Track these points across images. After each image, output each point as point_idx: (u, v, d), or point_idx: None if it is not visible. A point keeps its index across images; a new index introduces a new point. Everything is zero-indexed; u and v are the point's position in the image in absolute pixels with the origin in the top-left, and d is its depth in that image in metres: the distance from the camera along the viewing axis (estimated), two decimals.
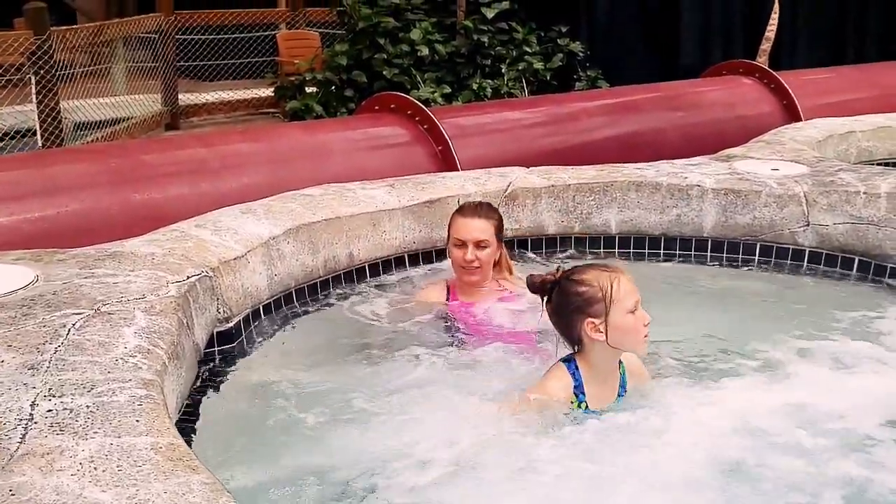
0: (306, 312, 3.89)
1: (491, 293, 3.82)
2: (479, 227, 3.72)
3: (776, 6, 8.56)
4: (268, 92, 10.91)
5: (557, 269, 2.97)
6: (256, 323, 3.65)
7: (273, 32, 12.62)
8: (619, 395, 2.99)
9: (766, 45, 8.46)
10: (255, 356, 3.47)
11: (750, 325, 3.92)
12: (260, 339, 3.59)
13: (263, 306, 3.71)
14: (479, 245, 3.71)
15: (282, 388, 3.21)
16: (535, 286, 2.96)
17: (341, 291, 4.06)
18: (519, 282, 3.85)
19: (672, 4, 8.98)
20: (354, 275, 4.15)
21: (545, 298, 2.94)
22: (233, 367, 3.35)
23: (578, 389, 2.89)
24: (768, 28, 8.53)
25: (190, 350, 3.07)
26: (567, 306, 2.86)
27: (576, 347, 2.93)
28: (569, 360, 2.94)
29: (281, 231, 3.82)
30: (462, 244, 3.72)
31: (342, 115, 7.85)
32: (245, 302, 3.57)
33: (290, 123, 7.48)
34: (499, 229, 3.80)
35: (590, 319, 2.81)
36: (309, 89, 8.89)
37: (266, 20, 12.92)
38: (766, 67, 7.57)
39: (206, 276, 3.35)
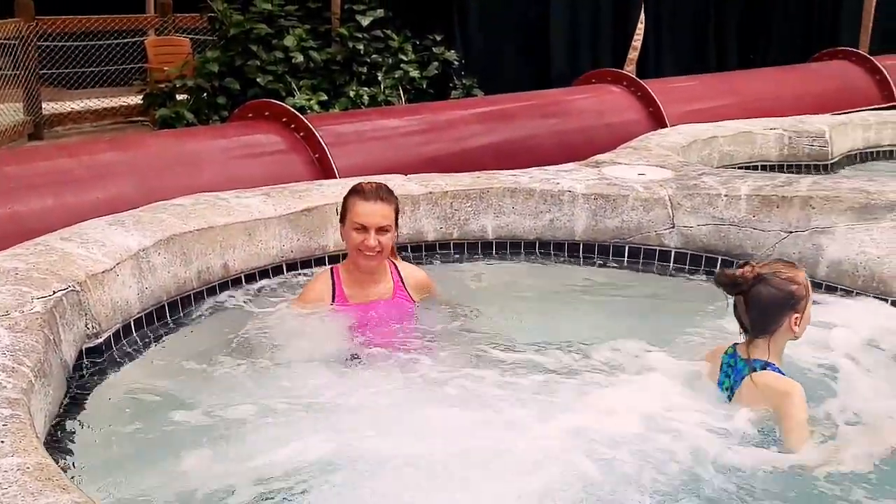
0: (180, 325, 3.81)
1: (382, 287, 3.75)
2: (381, 212, 3.61)
3: (642, 17, 8.86)
4: (137, 100, 10.59)
5: (747, 265, 3.14)
6: (128, 337, 3.56)
7: (141, 39, 12.29)
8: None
9: (632, 55, 8.75)
10: (126, 371, 3.39)
11: (614, 322, 4.05)
12: (131, 353, 3.50)
13: (135, 320, 3.62)
14: (380, 230, 3.60)
15: (154, 403, 3.15)
16: (730, 282, 3.09)
17: (216, 303, 3.99)
18: (405, 263, 3.98)
19: (543, 15, 9.20)
20: (230, 286, 4.08)
21: (735, 292, 3.09)
22: (103, 383, 3.26)
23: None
24: (634, 38, 8.83)
25: (58, 367, 2.97)
26: (776, 300, 3.04)
27: (758, 336, 3.08)
28: None
29: (151, 242, 3.73)
30: (363, 229, 3.59)
31: (214, 122, 7.70)
32: (115, 316, 3.48)
33: (160, 132, 7.31)
34: (397, 212, 3.74)
35: (795, 314, 3.05)
36: (180, 97, 8.69)
37: (134, 26, 12.55)
38: (633, 76, 7.84)
39: (72, 290, 3.25)
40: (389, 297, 3.77)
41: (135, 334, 3.60)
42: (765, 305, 3.04)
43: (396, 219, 3.70)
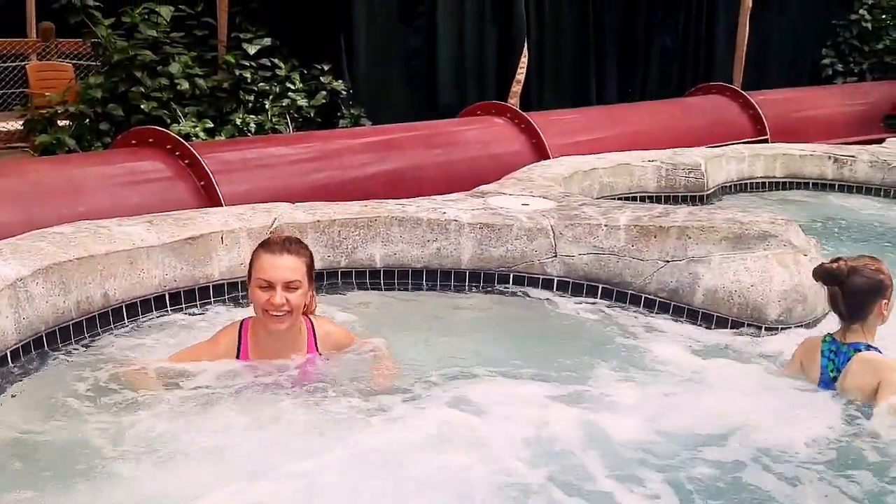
0: (57, 357, 3.71)
1: (290, 347, 3.48)
2: (288, 266, 3.30)
3: (525, 51, 9.10)
4: (17, 125, 10.26)
5: (840, 260, 3.58)
6: (3, 369, 3.44)
7: (23, 63, 11.92)
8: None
9: (516, 87, 8.98)
10: (2, 404, 3.27)
11: (491, 347, 4.14)
12: (7, 386, 3.39)
13: (11, 352, 3.51)
14: (288, 287, 3.29)
15: (32, 437, 3.06)
16: (828, 274, 3.57)
17: (96, 334, 3.90)
18: (324, 320, 3.65)
19: (429, 48, 9.34)
20: (111, 315, 4.00)
21: (833, 283, 3.56)
22: None
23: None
24: (518, 71, 9.06)
25: None
26: (868, 288, 3.54)
27: (854, 322, 3.57)
28: None
29: (29, 272, 3.63)
30: (268, 286, 3.28)
31: (97, 149, 7.52)
32: None
33: (40, 158, 7.09)
34: (310, 267, 3.41)
35: (884, 300, 3.56)
36: (62, 123, 8.46)
37: (15, 50, 12.19)
38: (517, 108, 8.03)
39: None
40: (298, 360, 3.54)
41: (11, 366, 3.49)
42: (859, 293, 3.55)
43: (310, 273, 3.40)
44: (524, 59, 9.04)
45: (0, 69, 11.49)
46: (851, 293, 3.55)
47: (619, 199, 6.41)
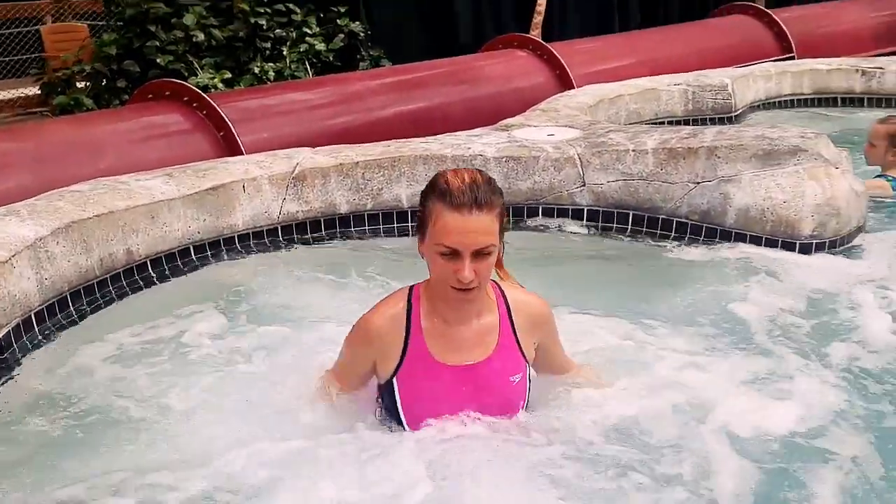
0: (84, 317, 3.68)
1: (479, 329, 2.60)
2: (481, 229, 2.38)
3: None
4: (35, 90, 10.24)
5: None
6: (29, 332, 3.42)
7: (37, 27, 11.86)
8: None
9: (537, 19, 8.77)
10: (28, 367, 3.25)
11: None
12: (33, 348, 3.37)
13: (35, 313, 3.47)
14: (479, 254, 2.40)
15: (60, 401, 3.03)
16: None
17: (122, 290, 3.86)
18: (509, 282, 2.75)
19: None
20: (135, 271, 3.96)
21: None
22: (4, 381, 3.13)
23: None
24: (539, 2, 8.84)
25: None
26: None
27: None
28: None
29: (48, 231, 3.58)
30: (454, 254, 2.39)
31: (115, 107, 7.47)
32: (13, 310, 3.34)
33: (57, 118, 7.05)
34: (503, 217, 2.49)
35: None
36: (79, 84, 8.42)
37: (29, 14, 12.11)
38: (539, 40, 7.84)
39: None
40: (490, 353, 2.61)
41: (36, 329, 3.46)
42: None
43: (502, 225, 2.49)
44: None
45: (14, 34, 11.43)
46: None
47: (647, 125, 6.24)
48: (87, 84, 8.13)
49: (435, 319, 2.57)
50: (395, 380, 2.57)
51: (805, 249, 4.28)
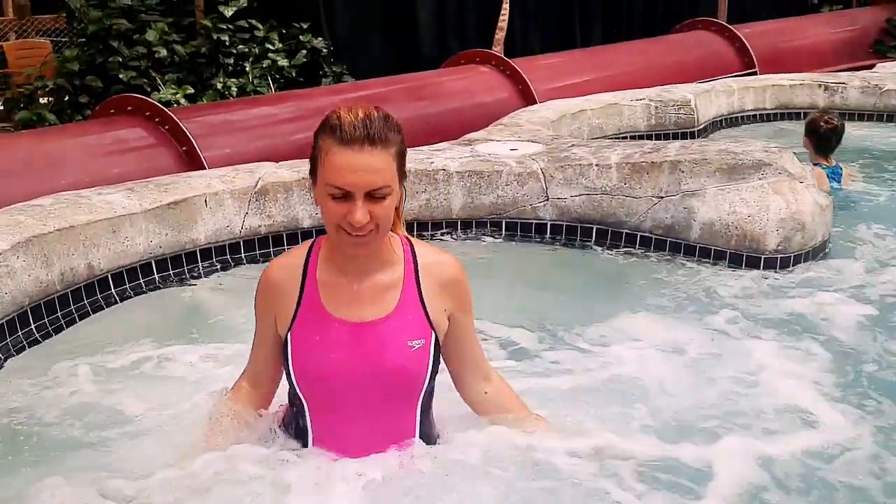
0: (44, 332, 3.64)
1: (379, 283, 2.36)
2: (374, 166, 2.15)
3: None
4: None
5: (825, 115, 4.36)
6: None
7: (0, 43, 11.74)
8: None
9: (500, 35, 8.82)
10: None
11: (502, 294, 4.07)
12: None
13: None
14: (373, 195, 2.16)
15: (19, 415, 3.00)
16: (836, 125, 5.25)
17: (82, 306, 3.83)
18: (422, 242, 2.49)
19: (409, 0, 9.19)
20: (97, 286, 3.92)
21: None
22: None
23: None
24: (501, 17, 8.90)
25: None
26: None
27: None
28: None
29: (8, 245, 3.54)
30: (344, 195, 2.16)
31: (78, 122, 7.40)
32: None
33: (16, 133, 6.98)
34: (402, 155, 2.25)
35: None
36: (42, 100, 8.34)
37: None
38: (502, 55, 7.89)
39: None
40: (389, 312, 2.37)
41: None
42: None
43: (402, 165, 2.26)
44: (506, 6, 8.88)
45: None
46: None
47: (610, 139, 6.31)
48: (50, 100, 8.06)
49: (332, 272, 2.35)
50: (289, 335, 2.35)
51: (770, 264, 4.32)
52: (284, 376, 2.41)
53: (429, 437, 2.50)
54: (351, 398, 2.35)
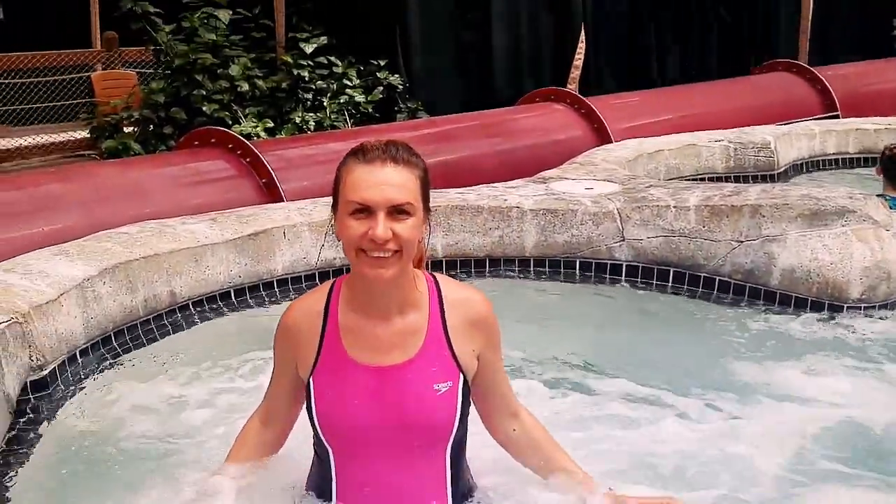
0: (127, 355, 3.73)
1: (403, 324, 2.26)
2: (394, 182, 2.12)
3: (582, 35, 8.97)
4: (84, 133, 10.49)
5: None
6: (73, 368, 3.47)
7: (88, 74, 12.18)
8: None
9: (575, 73, 8.83)
10: (72, 404, 3.30)
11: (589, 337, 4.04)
12: (77, 385, 3.42)
13: (80, 351, 3.54)
14: (395, 213, 2.12)
15: (102, 438, 3.07)
16: None
17: (164, 330, 3.92)
18: (448, 278, 2.38)
19: (485, 38, 9.29)
20: (178, 313, 4.02)
21: None
22: (48, 417, 3.18)
23: None
24: (576, 56, 8.92)
25: (1, 400, 2.89)
26: None
27: None
28: None
29: (96, 271, 3.66)
30: (365, 210, 2.11)
31: (162, 152, 7.62)
32: (60, 347, 3.40)
33: (106, 161, 7.20)
34: (425, 184, 2.21)
35: None
36: (127, 129, 8.62)
37: (81, 61, 12.45)
38: (577, 93, 7.91)
39: (15, 322, 3.18)
40: (412, 356, 2.27)
41: (81, 365, 3.52)
42: None
43: (426, 195, 2.21)
44: (582, 44, 8.90)
45: (67, 80, 11.74)
46: None
47: (687, 181, 6.25)
48: (135, 129, 8.32)
49: (353, 313, 2.26)
50: (311, 380, 2.27)
51: (853, 313, 4.20)
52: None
53: (462, 489, 2.37)
54: (376, 446, 2.26)
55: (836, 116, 8.82)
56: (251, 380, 3.46)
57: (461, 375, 2.28)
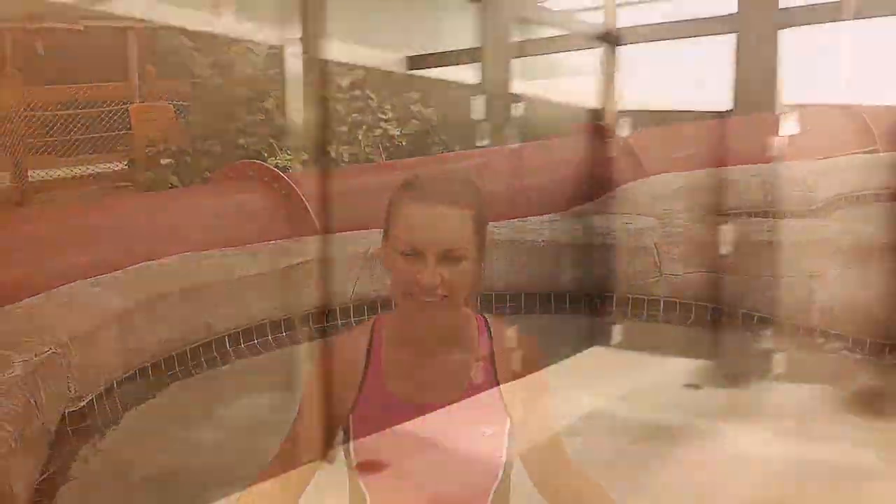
0: (164, 387, 3.74)
1: (452, 362, 2.10)
2: (448, 224, 1.95)
3: None
4: (122, 165, 10.64)
5: None
6: (111, 400, 3.48)
7: (126, 106, 12.37)
8: None
9: None
10: (109, 435, 3.30)
11: None
12: (115, 416, 3.43)
13: (118, 382, 3.54)
14: (447, 256, 1.95)
15: (139, 468, 3.07)
16: None
17: (201, 362, 3.93)
18: (498, 319, 2.25)
19: None
20: (213, 345, 4.02)
21: None
22: (85, 448, 3.18)
23: None
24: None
25: (39, 431, 2.90)
26: None
27: None
28: None
29: (134, 303, 3.68)
30: (416, 254, 1.95)
31: (198, 185, 7.71)
32: (98, 379, 3.41)
33: (144, 194, 7.30)
34: (480, 223, 2.01)
35: None
36: (164, 161, 8.73)
37: (119, 94, 12.65)
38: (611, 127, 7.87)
39: (54, 353, 3.18)
40: (460, 394, 2.12)
41: (118, 397, 3.53)
42: None
43: (482, 234, 2.02)
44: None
45: (105, 112, 11.92)
46: None
47: (725, 215, 6.19)
48: (172, 161, 8.43)
49: (397, 351, 2.11)
50: (350, 418, 2.11)
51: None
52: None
53: None
54: (415, 491, 2.11)
55: (875, 151, 8.71)
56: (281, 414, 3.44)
57: (508, 419, 2.15)
